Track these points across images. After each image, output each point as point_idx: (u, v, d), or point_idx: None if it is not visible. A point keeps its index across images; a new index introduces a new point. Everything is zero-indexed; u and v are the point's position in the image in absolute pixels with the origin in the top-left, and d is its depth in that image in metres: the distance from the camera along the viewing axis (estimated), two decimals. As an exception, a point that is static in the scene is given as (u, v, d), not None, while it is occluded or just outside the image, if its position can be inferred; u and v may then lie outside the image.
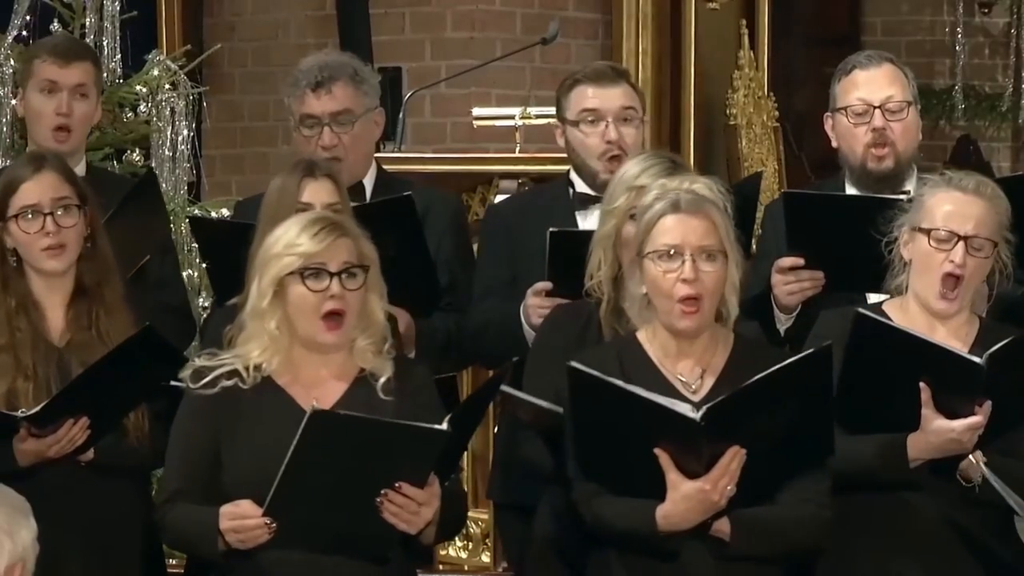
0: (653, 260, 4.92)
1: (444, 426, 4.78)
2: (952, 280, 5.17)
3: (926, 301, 5.23)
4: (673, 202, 4.94)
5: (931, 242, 5.19)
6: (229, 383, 4.93)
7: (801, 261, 5.63)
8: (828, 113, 6.01)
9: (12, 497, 3.74)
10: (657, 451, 4.75)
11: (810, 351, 4.89)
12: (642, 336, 5.03)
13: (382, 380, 4.94)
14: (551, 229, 5.58)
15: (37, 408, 5.20)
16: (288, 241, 4.89)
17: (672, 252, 4.89)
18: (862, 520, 5.17)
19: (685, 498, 4.76)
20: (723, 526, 4.82)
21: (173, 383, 5.27)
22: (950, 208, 5.20)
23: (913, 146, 5.96)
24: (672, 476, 4.76)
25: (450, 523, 5.06)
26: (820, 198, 5.69)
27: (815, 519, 4.91)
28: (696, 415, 4.71)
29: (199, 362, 5.00)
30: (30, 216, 5.39)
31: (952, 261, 5.16)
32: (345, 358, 4.98)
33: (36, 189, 5.40)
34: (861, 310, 5.10)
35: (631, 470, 4.80)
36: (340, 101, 6.17)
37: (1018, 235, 5.35)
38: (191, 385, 4.96)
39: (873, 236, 5.34)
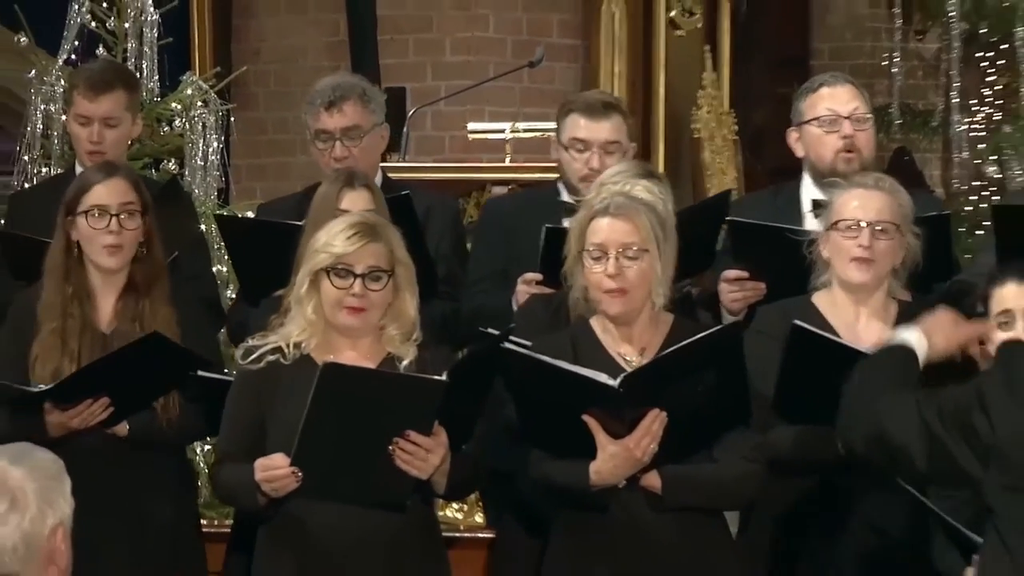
0: (586, 257, 4.94)
1: (443, 377, 4.78)
2: (863, 262, 5.15)
3: (846, 280, 5.19)
4: (605, 206, 4.94)
5: (840, 233, 5.18)
6: (273, 358, 4.92)
7: (745, 274, 5.63)
8: (794, 127, 5.97)
9: (48, 463, 3.63)
10: (585, 417, 4.76)
11: (718, 327, 4.97)
12: (593, 321, 5.02)
13: (405, 362, 4.93)
14: (547, 225, 5.56)
15: (50, 385, 5.23)
16: (326, 240, 4.90)
17: (599, 251, 4.91)
18: (805, 500, 5.14)
19: (612, 456, 4.76)
20: (653, 480, 4.82)
21: (203, 374, 5.30)
22: (855, 202, 5.20)
23: (873, 155, 5.98)
24: (600, 438, 4.76)
25: (465, 483, 5.07)
26: (761, 228, 5.65)
27: (747, 474, 4.90)
28: (615, 383, 4.72)
29: (250, 342, 5.00)
30: (97, 214, 5.37)
31: (860, 245, 5.14)
32: (374, 342, 4.96)
33: (106, 192, 5.39)
34: (796, 323, 5.05)
35: (567, 435, 4.80)
36: (350, 118, 6.13)
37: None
38: (241, 361, 4.97)
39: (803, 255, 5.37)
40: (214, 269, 6.86)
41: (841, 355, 4.94)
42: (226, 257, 6.90)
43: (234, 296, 6.68)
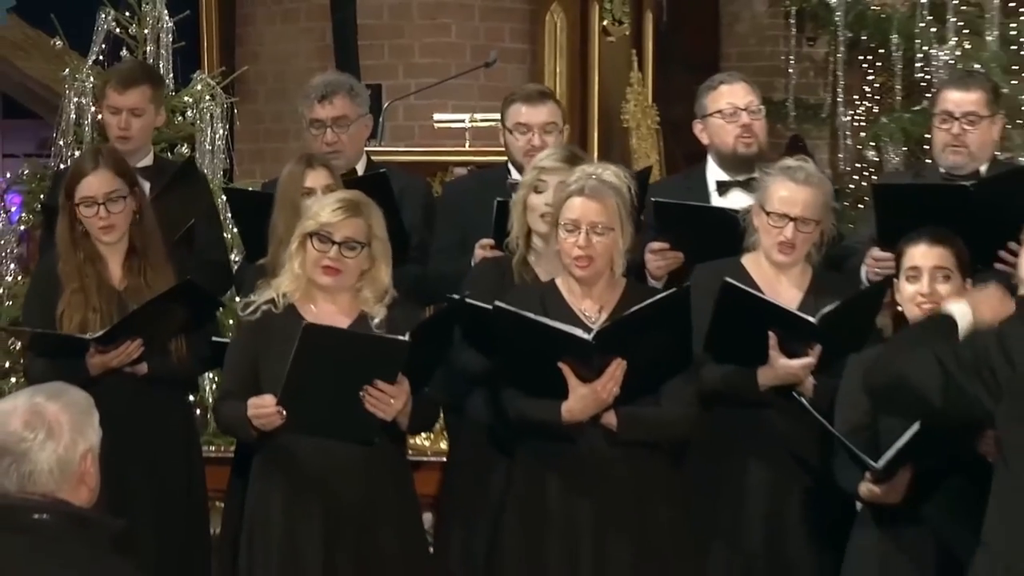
0: (561, 229, 4.92)
1: (406, 337, 4.79)
2: (786, 247, 5.13)
3: (770, 257, 5.17)
4: (580, 187, 4.93)
5: (769, 220, 5.15)
6: (266, 308, 4.94)
7: (667, 245, 5.61)
8: (699, 119, 5.94)
9: (79, 398, 3.63)
10: (561, 364, 4.75)
11: (671, 292, 4.93)
12: (558, 282, 5.01)
13: (376, 320, 4.94)
14: (498, 199, 5.53)
15: (100, 332, 5.24)
16: (317, 209, 4.94)
17: (572, 225, 4.89)
18: (728, 429, 5.12)
19: (582, 397, 4.77)
20: (610, 418, 4.81)
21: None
22: (785, 194, 5.13)
23: (766, 140, 5.95)
24: (573, 382, 4.76)
25: (425, 421, 5.10)
26: (678, 207, 5.62)
27: (686, 415, 4.90)
28: (589, 337, 4.73)
29: (249, 297, 5.03)
30: (87, 204, 5.38)
31: (784, 236, 5.12)
32: (351, 300, 4.97)
33: (94, 183, 5.38)
34: (727, 279, 5.03)
35: (543, 379, 4.79)
36: (339, 109, 6.12)
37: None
38: (241, 314, 5.01)
39: (717, 229, 5.39)
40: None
41: (763, 308, 4.97)
42: (232, 227, 6.89)
43: (238, 259, 6.64)
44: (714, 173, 5.89)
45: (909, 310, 4.69)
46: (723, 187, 5.82)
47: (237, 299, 5.55)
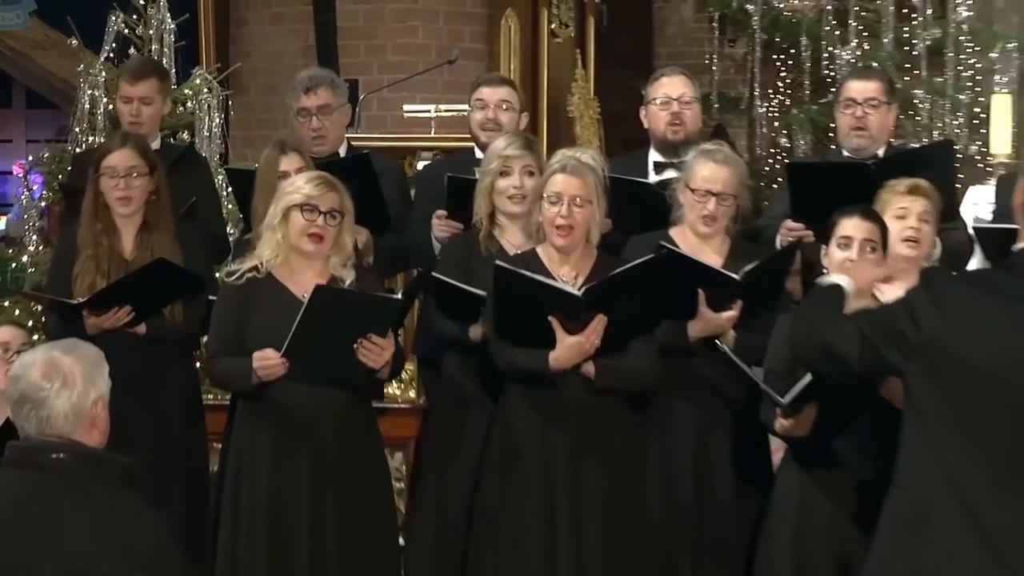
0: (546, 202, 4.91)
1: (399, 297, 4.94)
2: (709, 220, 5.13)
3: (695, 229, 5.16)
4: (563, 165, 4.94)
5: (694, 196, 5.15)
6: (250, 275, 4.89)
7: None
8: (643, 106, 5.93)
9: (91, 352, 3.63)
10: (551, 318, 4.73)
11: (650, 257, 4.88)
12: (539, 250, 4.98)
13: (348, 281, 4.90)
14: (448, 175, 5.54)
15: (86, 298, 5.21)
16: (298, 185, 4.91)
17: (556, 197, 4.90)
18: (669, 376, 5.07)
19: (568, 348, 4.75)
20: (589, 368, 4.79)
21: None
22: (707, 173, 5.14)
23: (697, 127, 5.92)
24: (560, 334, 4.74)
25: (397, 368, 5.05)
26: (623, 181, 5.57)
27: (650, 368, 4.88)
28: (579, 293, 4.73)
29: (232, 266, 5.01)
30: (109, 175, 5.35)
31: (708, 210, 5.11)
32: (323, 266, 4.92)
33: (117, 158, 5.36)
34: (662, 243, 5.03)
35: (533, 331, 4.77)
36: (323, 99, 6.10)
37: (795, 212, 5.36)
38: (226, 280, 4.96)
39: (649, 203, 5.37)
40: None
41: (693, 269, 4.96)
42: (228, 205, 6.86)
43: (234, 232, 6.59)
44: (653, 155, 5.88)
45: (835, 273, 4.67)
46: (659, 167, 5.80)
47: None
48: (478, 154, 5.78)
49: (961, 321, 3.37)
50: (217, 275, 5.48)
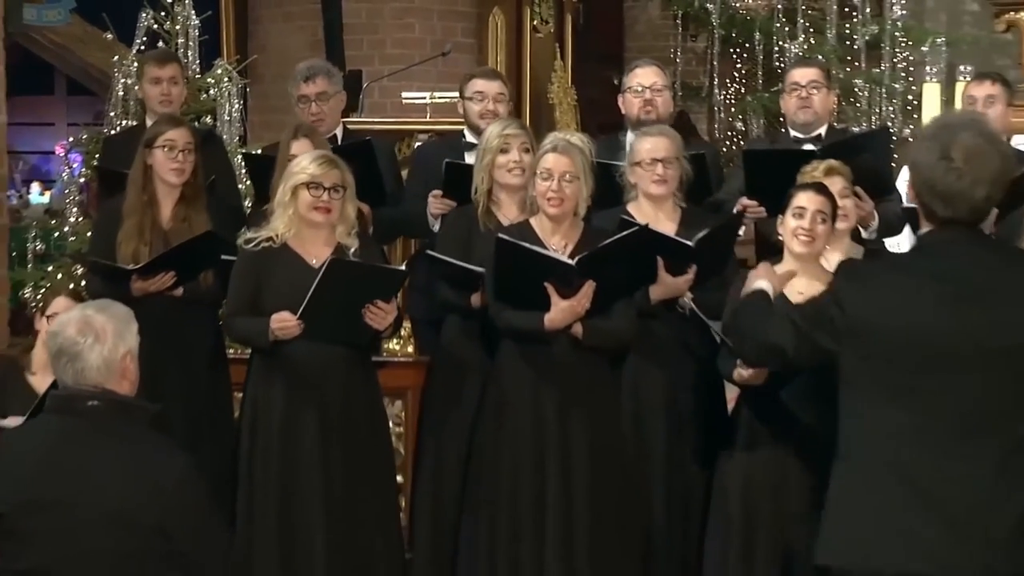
0: (538, 177, 4.90)
1: (403, 268, 4.95)
2: (660, 183, 5.11)
3: (649, 195, 5.13)
4: (554, 145, 4.92)
5: (642, 166, 5.13)
6: (266, 244, 4.89)
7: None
8: (620, 94, 5.92)
9: (121, 311, 3.62)
10: (547, 284, 4.72)
11: (633, 229, 4.85)
12: (533, 221, 4.95)
13: (352, 250, 4.90)
14: (446, 160, 5.51)
15: (140, 265, 5.20)
16: (304, 166, 4.88)
17: (547, 173, 4.88)
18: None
19: (562, 310, 4.73)
20: (578, 328, 4.78)
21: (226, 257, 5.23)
22: (648, 146, 5.13)
23: (668, 112, 5.90)
24: (555, 298, 4.73)
25: (396, 328, 5.05)
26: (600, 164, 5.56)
27: (629, 328, 4.86)
28: (572, 263, 4.71)
29: (249, 235, 4.97)
30: (168, 148, 5.33)
31: (657, 175, 5.10)
32: (329, 236, 4.91)
33: (176, 134, 5.34)
34: (623, 215, 5.02)
35: (528, 296, 4.76)
36: (320, 87, 6.06)
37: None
38: (243, 247, 4.94)
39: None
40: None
41: (651, 237, 4.90)
42: (245, 180, 6.84)
43: (249, 206, 6.57)
44: (629, 138, 5.82)
45: (789, 240, 4.65)
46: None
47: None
48: (470, 138, 5.76)
49: (881, 301, 3.35)
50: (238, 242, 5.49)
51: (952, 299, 3.28)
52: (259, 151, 6.67)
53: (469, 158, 5.52)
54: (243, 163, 6.47)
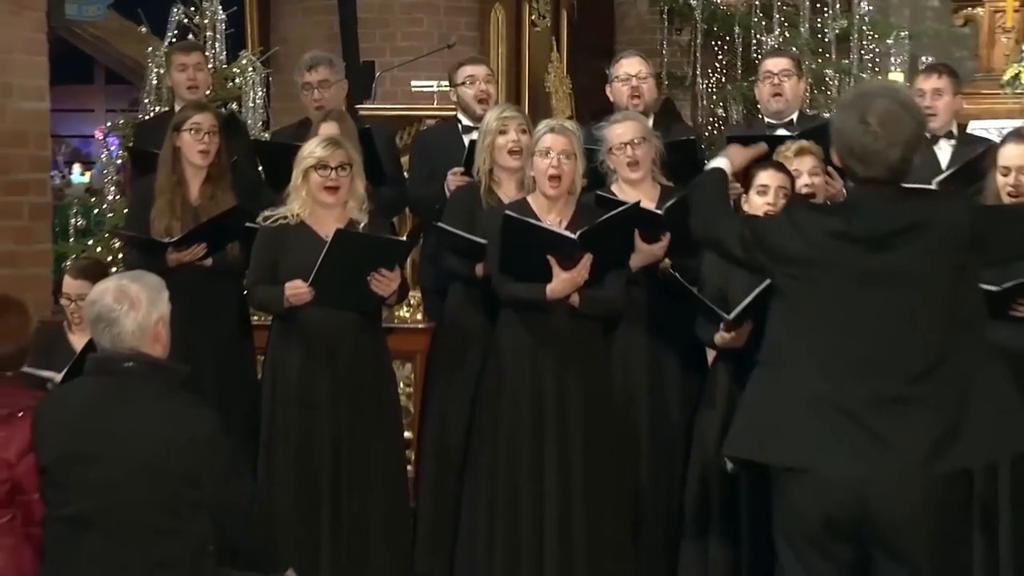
0: (537, 156, 4.84)
1: (404, 239, 4.94)
2: (633, 165, 5.02)
3: (625, 177, 5.06)
4: (551, 127, 4.86)
5: (614, 151, 5.05)
6: (284, 221, 4.87)
7: None
8: (608, 84, 5.85)
9: (154, 281, 3.62)
10: (549, 257, 4.68)
11: (626, 206, 4.80)
12: (530, 199, 4.90)
13: (362, 224, 4.87)
14: (471, 139, 5.37)
15: (176, 238, 5.17)
16: (311, 150, 4.85)
17: (547, 152, 4.82)
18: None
19: (563, 281, 4.67)
20: (575, 298, 4.74)
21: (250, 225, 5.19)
22: (620, 130, 5.04)
23: (653, 98, 5.82)
24: (556, 269, 4.69)
25: (403, 295, 5.04)
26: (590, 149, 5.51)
27: (620, 297, 4.83)
28: (575, 237, 4.66)
29: (267, 212, 4.94)
30: (194, 131, 5.28)
31: (628, 156, 5.01)
32: (341, 212, 4.88)
33: (202, 118, 5.28)
34: (599, 193, 4.99)
35: (533, 268, 4.71)
36: (322, 75, 6.01)
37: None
38: (262, 223, 4.91)
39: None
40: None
41: (637, 213, 4.84)
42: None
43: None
44: None
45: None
46: None
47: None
48: (465, 121, 5.71)
49: (807, 234, 3.43)
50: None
51: (864, 243, 3.37)
52: (271, 136, 6.67)
53: (467, 140, 5.47)
54: (256, 150, 6.43)
